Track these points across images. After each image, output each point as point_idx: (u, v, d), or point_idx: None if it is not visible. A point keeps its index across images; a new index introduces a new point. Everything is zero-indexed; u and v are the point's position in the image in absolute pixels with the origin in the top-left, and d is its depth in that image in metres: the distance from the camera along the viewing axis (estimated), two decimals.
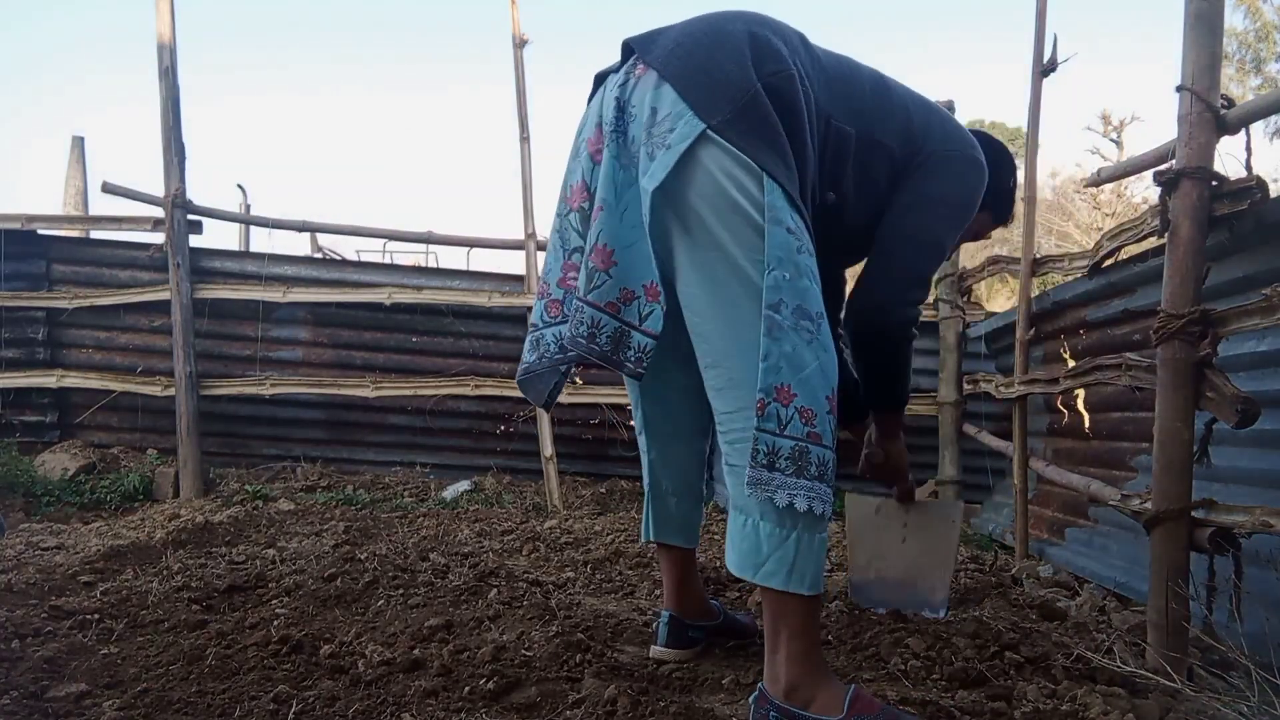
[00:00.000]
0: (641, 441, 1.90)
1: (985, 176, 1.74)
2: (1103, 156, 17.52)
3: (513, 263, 11.92)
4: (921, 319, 1.77)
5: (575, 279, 1.52)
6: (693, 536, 1.90)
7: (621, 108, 1.49)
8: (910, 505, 2.20)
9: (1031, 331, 3.23)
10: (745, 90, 1.42)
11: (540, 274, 1.68)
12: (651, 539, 1.90)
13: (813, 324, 1.40)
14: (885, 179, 1.67)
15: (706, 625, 1.89)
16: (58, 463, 4.15)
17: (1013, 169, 1.94)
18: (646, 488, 1.90)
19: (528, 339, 1.68)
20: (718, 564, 2.70)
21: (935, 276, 4.22)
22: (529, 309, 4.35)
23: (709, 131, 1.39)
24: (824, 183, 1.58)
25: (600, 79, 1.64)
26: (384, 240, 7.77)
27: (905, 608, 2.14)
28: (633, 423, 1.94)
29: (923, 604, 2.16)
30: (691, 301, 1.48)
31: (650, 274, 1.43)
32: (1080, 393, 2.98)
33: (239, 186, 11.12)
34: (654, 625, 1.89)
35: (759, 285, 1.38)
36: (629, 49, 1.56)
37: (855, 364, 1.78)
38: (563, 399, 4.14)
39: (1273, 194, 1.73)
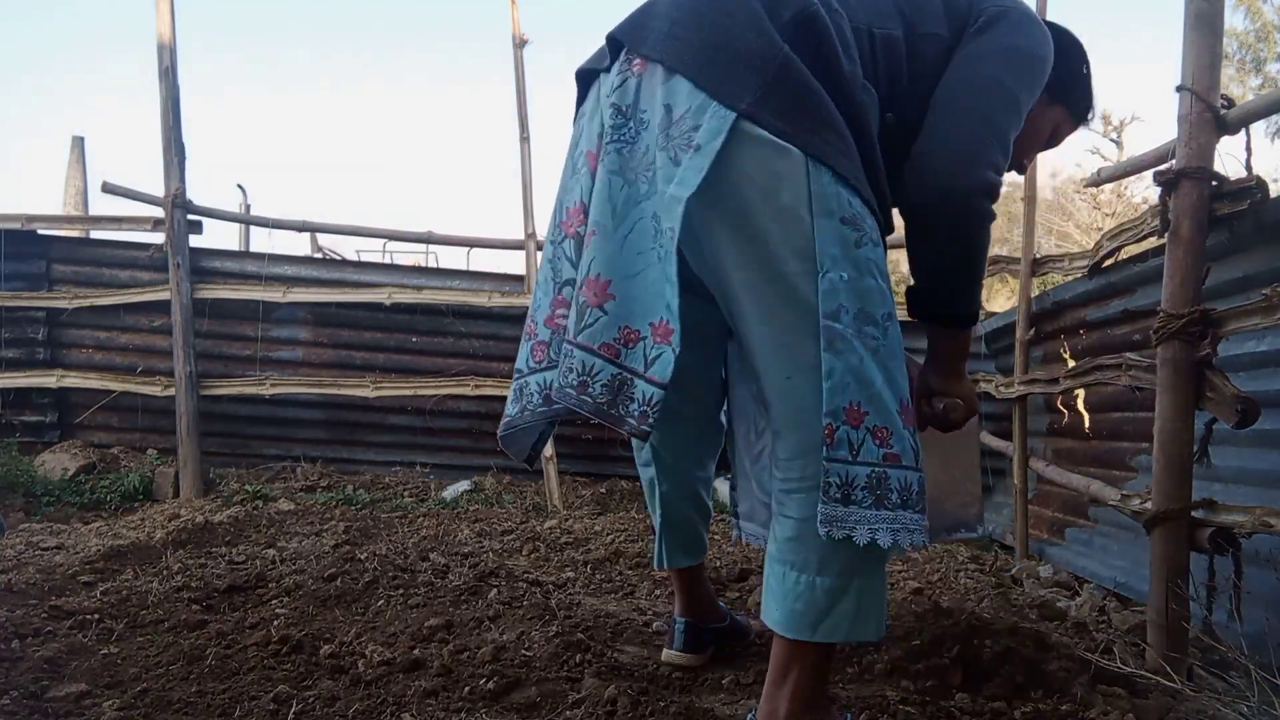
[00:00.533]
0: (649, 473, 1.76)
1: (1050, 40, 1.45)
2: (1103, 156, 17.51)
3: (513, 263, 11.92)
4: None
5: (565, 316, 1.30)
6: (702, 550, 1.86)
7: (624, 113, 1.27)
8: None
9: (1031, 331, 3.24)
10: (771, 57, 1.21)
11: (529, 310, 1.44)
12: (666, 567, 1.82)
13: (878, 329, 1.24)
14: (941, 73, 1.39)
15: (717, 627, 1.86)
16: (58, 463, 4.15)
17: (1084, 55, 1.60)
18: (659, 519, 1.77)
19: (512, 387, 1.43)
20: (717, 563, 2.70)
21: None
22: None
23: (741, 121, 1.18)
24: (881, 103, 1.36)
25: (584, 78, 1.42)
26: (384, 240, 7.77)
27: (938, 535, 1.95)
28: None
29: (957, 525, 1.96)
30: (741, 331, 1.31)
31: (660, 310, 1.19)
32: (1080, 393, 2.98)
33: (239, 186, 11.15)
34: (665, 630, 1.84)
35: (814, 302, 1.21)
36: (616, 43, 1.33)
37: (913, 253, 1.38)
38: None
39: (1273, 194, 1.73)
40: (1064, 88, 1.56)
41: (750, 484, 1.78)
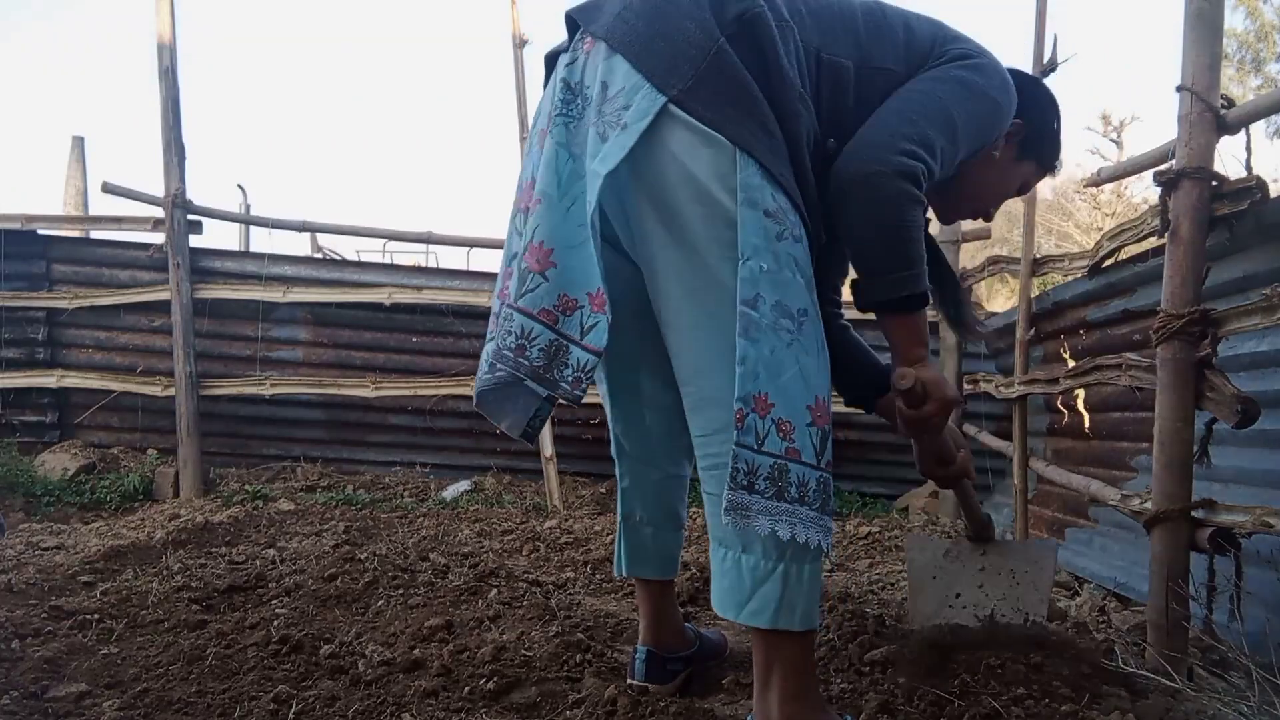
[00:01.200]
0: (616, 467, 1.71)
1: (1012, 93, 1.45)
2: (1103, 156, 17.53)
3: None
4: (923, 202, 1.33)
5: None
6: (670, 567, 1.72)
7: (572, 89, 1.30)
8: (989, 545, 1.86)
9: (1031, 331, 3.24)
10: (706, 48, 1.23)
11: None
12: (625, 574, 1.70)
13: (793, 323, 1.25)
14: None
15: (685, 655, 1.73)
16: (58, 463, 4.16)
17: (1056, 110, 1.61)
18: (619, 518, 1.70)
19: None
20: (701, 560, 2.68)
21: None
22: None
23: (670, 105, 1.21)
24: (823, 128, 1.36)
25: (551, 60, 1.45)
26: (384, 240, 7.76)
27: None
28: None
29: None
30: (661, 309, 1.34)
31: (596, 281, 1.23)
32: (1080, 393, 2.98)
33: (239, 186, 11.13)
34: (632, 659, 1.71)
35: (733, 286, 1.23)
36: (573, 22, 1.36)
37: (844, 244, 1.39)
38: None
39: (1273, 194, 1.73)
40: (1035, 143, 1.59)
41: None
